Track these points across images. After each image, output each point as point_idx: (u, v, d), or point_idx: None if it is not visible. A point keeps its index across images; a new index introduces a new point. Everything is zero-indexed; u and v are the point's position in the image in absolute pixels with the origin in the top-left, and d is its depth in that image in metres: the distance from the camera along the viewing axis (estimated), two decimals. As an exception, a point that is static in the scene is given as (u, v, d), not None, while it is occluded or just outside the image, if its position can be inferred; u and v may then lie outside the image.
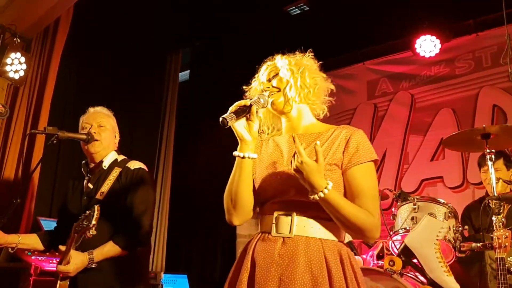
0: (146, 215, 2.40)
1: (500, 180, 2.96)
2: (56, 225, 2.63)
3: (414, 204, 2.72)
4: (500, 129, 2.65)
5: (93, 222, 1.98)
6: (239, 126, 1.63)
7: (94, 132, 2.50)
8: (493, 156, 2.61)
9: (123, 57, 5.10)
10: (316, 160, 1.46)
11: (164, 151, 5.41)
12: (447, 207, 2.70)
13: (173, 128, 5.53)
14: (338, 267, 1.49)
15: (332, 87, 1.74)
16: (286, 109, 1.70)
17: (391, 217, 2.90)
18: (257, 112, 1.65)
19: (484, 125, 2.64)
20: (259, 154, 1.71)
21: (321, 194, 1.45)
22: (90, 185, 2.47)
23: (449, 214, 2.67)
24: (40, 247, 2.58)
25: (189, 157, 5.39)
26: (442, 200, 2.75)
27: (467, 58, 4.50)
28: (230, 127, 1.60)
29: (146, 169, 2.54)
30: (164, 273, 4.49)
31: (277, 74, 1.73)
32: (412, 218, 2.67)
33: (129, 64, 5.15)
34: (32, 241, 2.56)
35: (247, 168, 1.63)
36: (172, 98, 5.58)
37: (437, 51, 4.54)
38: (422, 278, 2.51)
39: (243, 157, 1.62)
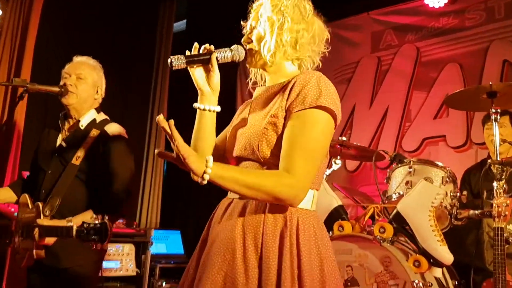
0: (125, 185, 2.29)
1: (505, 141, 2.76)
2: (29, 174, 2.53)
3: (410, 167, 2.55)
4: (508, 87, 2.43)
5: (107, 240, 1.81)
6: (197, 74, 1.48)
7: (70, 84, 2.32)
8: (498, 116, 2.41)
9: (113, 4, 4.82)
10: (172, 140, 1.22)
11: (157, 108, 5.22)
12: (445, 171, 2.52)
13: (167, 83, 5.30)
14: (275, 238, 1.32)
15: (327, 36, 1.52)
16: (262, 65, 1.51)
17: (385, 180, 2.74)
18: (217, 61, 1.46)
19: (490, 83, 2.42)
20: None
21: (204, 179, 1.23)
22: (64, 144, 2.32)
23: (447, 179, 2.49)
24: (15, 200, 2.48)
25: (184, 114, 5.19)
26: (440, 164, 2.57)
27: (478, 9, 4.18)
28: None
29: (125, 135, 2.39)
30: (156, 229, 4.42)
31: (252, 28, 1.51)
32: (407, 183, 2.50)
33: (119, 12, 4.89)
34: (6, 195, 2.49)
35: (206, 121, 1.50)
36: (165, 50, 5.33)
37: (446, 1, 4.23)
38: (414, 247, 2.37)
39: (202, 109, 1.49)
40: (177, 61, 1.42)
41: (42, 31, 4.05)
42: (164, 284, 4.01)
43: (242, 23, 1.57)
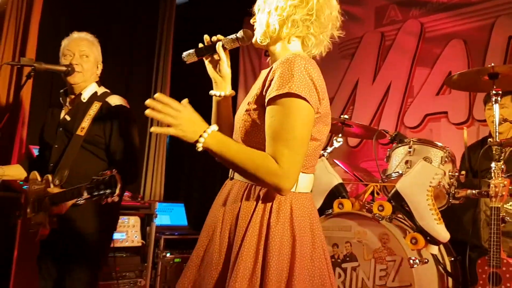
0: (134, 156, 2.36)
1: (506, 120, 2.78)
2: (38, 152, 2.60)
3: (410, 147, 2.59)
4: (510, 68, 2.45)
5: (117, 191, 1.86)
6: (208, 64, 1.59)
7: (76, 64, 2.37)
8: (499, 98, 2.44)
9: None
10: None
11: (160, 81, 5.23)
12: (445, 151, 2.56)
13: (170, 56, 5.29)
14: (246, 217, 1.35)
15: (337, 15, 1.48)
16: (260, 46, 1.54)
17: (385, 159, 2.78)
18: (225, 49, 1.55)
19: (492, 64, 2.44)
20: None
21: (200, 143, 1.29)
22: (68, 117, 2.39)
23: (446, 159, 2.54)
24: (25, 177, 2.56)
25: (188, 87, 5.22)
26: (439, 144, 2.61)
27: (484, -16, 4.14)
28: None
29: (127, 106, 2.44)
30: (160, 202, 4.52)
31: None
32: (407, 162, 2.55)
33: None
34: (16, 172, 2.57)
35: (221, 107, 1.62)
36: (168, 23, 5.29)
37: (452, -25, 4.18)
38: (412, 224, 2.44)
39: (217, 96, 1.62)
40: (188, 56, 1.56)
41: (46, 10, 4.03)
42: (168, 254, 4.13)
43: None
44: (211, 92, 1.62)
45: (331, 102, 4.82)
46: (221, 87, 1.60)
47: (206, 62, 1.59)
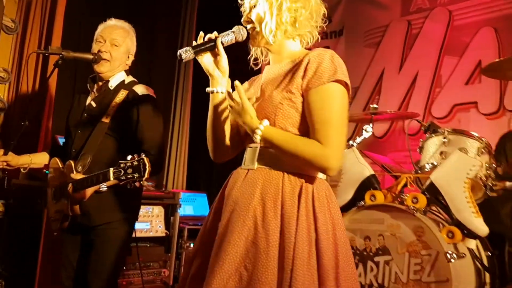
0: (159, 145, 2.33)
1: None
2: (64, 140, 2.58)
3: (444, 137, 2.52)
4: (550, 56, 2.36)
5: (146, 175, 1.84)
6: (206, 61, 1.58)
7: (105, 52, 2.34)
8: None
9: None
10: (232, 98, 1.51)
11: (183, 68, 5.19)
12: (481, 141, 2.49)
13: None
14: (293, 204, 1.42)
15: (324, 11, 1.60)
16: (265, 45, 1.59)
17: (418, 150, 2.71)
18: (223, 45, 1.56)
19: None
20: (252, 89, 1.67)
21: (257, 135, 1.46)
22: (93, 103, 2.36)
23: (483, 150, 2.46)
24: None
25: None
26: (476, 134, 2.53)
27: (517, -30, 4.00)
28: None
29: (154, 95, 2.41)
30: (183, 192, 4.51)
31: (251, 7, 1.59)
32: (441, 153, 2.48)
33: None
34: (43, 159, 2.55)
35: (218, 103, 1.60)
36: (191, 12, 5.25)
37: (483, -40, 4.04)
38: (447, 217, 2.37)
39: (215, 92, 1.59)
40: (185, 53, 1.52)
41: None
42: (191, 245, 4.12)
43: (239, 1, 1.64)
44: (209, 89, 1.60)
45: (356, 91, 4.76)
46: (221, 84, 1.59)
47: (202, 59, 1.57)
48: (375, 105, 3.03)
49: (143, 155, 1.85)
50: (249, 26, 1.58)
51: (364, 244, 2.45)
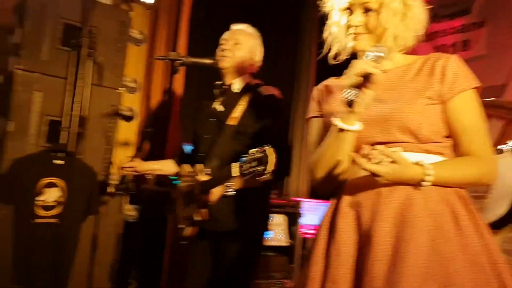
0: (286, 147, 2.26)
1: None
2: (192, 148, 2.60)
3: None
4: None
5: (270, 168, 1.74)
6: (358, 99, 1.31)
7: (227, 49, 2.33)
8: None
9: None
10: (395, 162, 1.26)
11: (306, 72, 5.06)
12: None
13: (314, 44, 5.07)
14: (465, 217, 1.29)
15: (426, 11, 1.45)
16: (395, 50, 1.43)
17: None
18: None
19: None
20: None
21: (427, 182, 1.28)
22: (220, 108, 2.35)
23: None
24: (175, 171, 2.57)
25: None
26: None
27: None
28: None
29: (280, 96, 2.33)
30: (305, 200, 4.34)
31: (368, 9, 1.39)
32: None
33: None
34: (169, 167, 2.59)
35: (351, 141, 1.36)
36: (312, 11, 5.09)
37: None
38: None
39: (348, 130, 1.34)
40: (355, 98, 1.27)
41: (196, 7, 4.11)
42: (314, 256, 3.93)
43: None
44: (341, 125, 1.33)
45: (504, 88, 4.18)
46: (355, 119, 1.33)
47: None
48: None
49: (267, 146, 1.76)
50: (358, 29, 1.41)
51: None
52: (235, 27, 2.43)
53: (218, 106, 2.37)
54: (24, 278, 2.53)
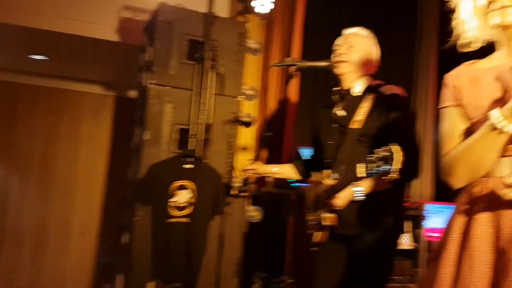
0: (414, 147, 2.16)
1: None
2: (312, 153, 2.61)
3: None
4: None
5: (397, 166, 1.66)
6: None
7: (341, 53, 2.32)
8: None
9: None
10: None
11: (425, 67, 4.85)
12: None
13: (435, 41, 4.84)
14: None
15: None
16: None
17: None
18: None
19: None
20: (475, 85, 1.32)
21: None
22: (341, 112, 2.32)
23: None
24: (296, 176, 2.62)
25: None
26: None
27: None
28: None
29: (404, 94, 2.25)
30: (429, 203, 4.15)
31: None
32: None
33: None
34: (288, 171, 2.64)
35: (504, 142, 1.20)
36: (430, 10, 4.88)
37: None
38: None
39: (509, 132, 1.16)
40: None
41: (309, 12, 4.18)
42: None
43: None
44: (507, 126, 1.15)
45: None
46: None
47: None
48: None
49: (392, 144, 1.68)
50: (505, 1, 1.24)
51: None
52: (347, 31, 2.41)
53: (339, 112, 2.34)
54: (161, 272, 2.79)
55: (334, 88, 2.41)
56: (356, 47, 2.32)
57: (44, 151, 5.55)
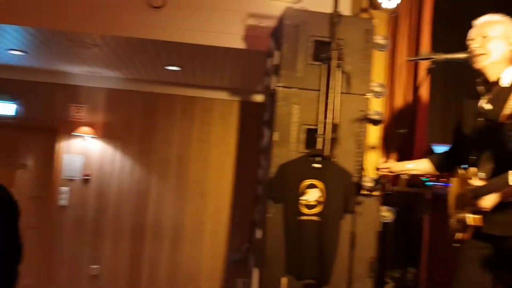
0: None
1: None
2: (450, 146, 2.49)
3: None
4: None
5: None
6: None
7: (477, 47, 2.17)
8: None
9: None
10: None
11: None
12: None
13: None
14: None
15: None
16: None
17: None
18: None
19: None
20: None
21: None
22: (488, 106, 2.17)
23: None
24: (432, 171, 2.53)
25: None
26: None
27: None
28: None
29: None
30: None
31: None
32: None
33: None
34: (424, 166, 2.55)
35: None
36: None
37: None
38: None
39: None
40: None
41: (437, 2, 3.98)
42: None
43: None
44: None
45: None
46: None
47: None
48: None
49: None
50: None
51: None
52: (478, 21, 2.25)
53: (485, 105, 2.18)
54: (294, 268, 2.87)
55: (477, 80, 2.26)
56: (491, 36, 2.16)
57: (180, 155, 6.02)
